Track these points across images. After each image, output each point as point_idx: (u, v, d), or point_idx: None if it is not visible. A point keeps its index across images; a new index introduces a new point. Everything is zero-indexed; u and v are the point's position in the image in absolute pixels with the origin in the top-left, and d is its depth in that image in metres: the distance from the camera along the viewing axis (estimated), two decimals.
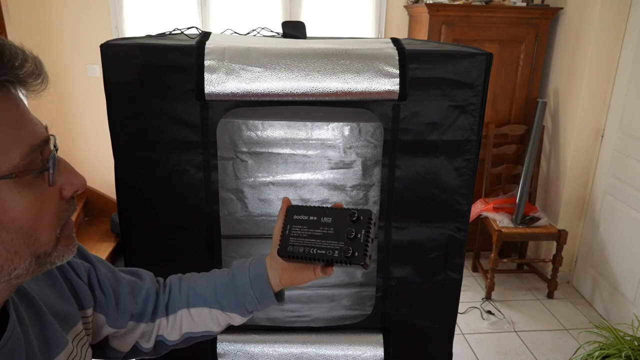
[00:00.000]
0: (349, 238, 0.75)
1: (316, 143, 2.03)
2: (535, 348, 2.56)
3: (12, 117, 0.51)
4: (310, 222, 0.78)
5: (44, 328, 0.65)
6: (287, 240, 0.78)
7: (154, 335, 0.85)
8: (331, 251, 0.75)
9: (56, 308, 0.68)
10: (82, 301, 0.74)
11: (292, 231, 0.79)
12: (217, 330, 0.88)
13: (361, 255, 0.74)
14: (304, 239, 0.78)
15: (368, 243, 0.75)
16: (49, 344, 0.64)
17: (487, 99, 1.19)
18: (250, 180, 2.05)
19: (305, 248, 0.77)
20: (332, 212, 0.78)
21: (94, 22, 3.11)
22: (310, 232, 0.78)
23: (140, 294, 0.83)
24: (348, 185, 2.08)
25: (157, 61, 1.10)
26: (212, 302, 0.84)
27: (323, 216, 0.78)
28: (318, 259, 0.76)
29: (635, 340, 1.93)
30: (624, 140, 2.68)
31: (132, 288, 0.82)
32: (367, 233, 0.75)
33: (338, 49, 1.16)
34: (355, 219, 0.76)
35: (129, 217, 1.22)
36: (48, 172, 0.54)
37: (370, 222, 0.75)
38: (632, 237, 2.61)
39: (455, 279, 1.32)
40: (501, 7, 2.97)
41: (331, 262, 0.76)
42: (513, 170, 3.18)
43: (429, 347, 1.39)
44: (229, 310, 0.84)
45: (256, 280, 0.83)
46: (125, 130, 1.13)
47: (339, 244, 0.75)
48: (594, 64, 2.78)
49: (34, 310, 0.64)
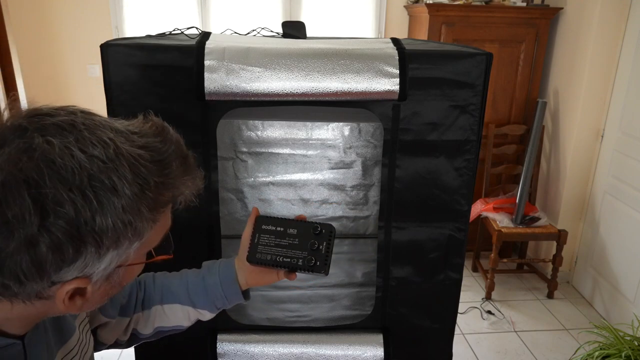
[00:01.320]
0: (312, 249, 0.85)
1: (316, 143, 2.03)
2: (535, 348, 2.56)
3: (169, 215, 0.63)
4: (278, 233, 0.88)
5: (58, 318, 0.71)
6: (256, 248, 0.87)
7: (130, 328, 0.91)
8: (296, 260, 0.85)
9: None
10: None
11: (260, 240, 0.87)
12: (187, 324, 0.94)
13: (322, 264, 0.84)
14: (271, 248, 0.87)
15: (329, 254, 0.85)
16: (62, 330, 0.71)
17: (487, 99, 1.19)
18: (250, 180, 2.05)
19: (272, 256, 0.86)
20: (297, 224, 0.88)
21: (94, 22, 3.11)
22: (277, 241, 0.87)
23: (125, 289, 0.89)
24: (348, 185, 2.08)
25: (157, 61, 1.10)
26: (184, 299, 0.91)
27: (289, 227, 0.88)
28: (284, 266, 0.85)
29: (635, 340, 1.93)
30: (624, 140, 2.68)
31: None
32: (328, 245, 0.85)
33: (338, 49, 1.16)
34: (318, 232, 0.86)
35: None
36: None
37: (331, 235, 0.86)
38: (632, 237, 2.61)
39: (455, 279, 1.32)
40: (501, 7, 2.97)
41: (295, 270, 0.86)
42: (513, 170, 3.18)
43: (429, 347, 1.39)
44: (200, 307, 0.91)
45: (226, 281, 0.90)
46: None
47: (302, 254, 0.85)
48: (594, 64, 2.78)
49: None
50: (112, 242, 0.52)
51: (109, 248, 0.52)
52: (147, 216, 0.54)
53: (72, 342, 0.73)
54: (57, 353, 0.70)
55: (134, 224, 0.53)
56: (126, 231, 0.52)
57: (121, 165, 0.51)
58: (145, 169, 0.53)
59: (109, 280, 0.57)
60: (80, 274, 0.53)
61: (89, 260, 0.52)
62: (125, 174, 0.51)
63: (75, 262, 0.51)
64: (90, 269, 0.53)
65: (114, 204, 0.50)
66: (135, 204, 0.52)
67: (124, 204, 0.51)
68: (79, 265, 0.52)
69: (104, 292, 0.59)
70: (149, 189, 0.53)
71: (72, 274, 0.53)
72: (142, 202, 0.53)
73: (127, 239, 0.53)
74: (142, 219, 0.53)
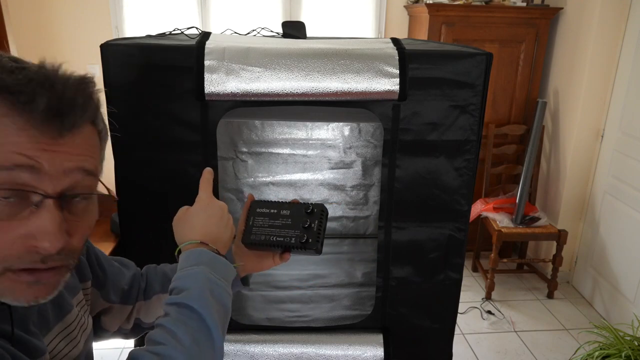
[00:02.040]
0: (304, 227, 0.86)
1: (316, 143, 2.03)
2: (535, 348, 2.56)
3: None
4: (271, 215, 0.89)
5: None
6: (251, 230, 0.88)
7: (133, 317, 0.92)
8: (289, 238, 0.86)
9: None
10: (82, 274, 0.81)
11: (255, 222, 0.89)
12: None
13: (314, 242, 0.85)
14: (265, 229, 0.88)
15: (321, 231, 0.86)
16: (59, 306, 0.72)
17: (487, 99, 1.19)
18: (250, 180, 2.05)
19: (266, 236, 0.87)
20: (290, 206, 0.90)
21: (94, 22, 3.11)
22: (270, 222, 0.88)
23: (127, 277, 0.91)
24: (348, 185, 2.08)
25: (157, 61, 1.10)
26: None
27: (282, 209, 0.89)
28: (277, 245, 0.86)
29: (635, 340, 1.93)
30: (624, 140, 2.68)
31: (120, 270, 0.91)
32: (320, 223, 0.86)
33: (338, 49, 1.16)
34: (310, 211, 0.87)
35: (129, 217, 1.22)
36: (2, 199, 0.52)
37: (322, 214, 0.87)
38: (632, 237, 2.61)
39: (455, 279, 1.32)
40: (501, 7, 2.97)
41: (288, 248, 0.87)
42: (513, 170, 3.18)
43: (429, 347, 1.39)
44: None
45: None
46: (125, 130, 1.13)
47: (295, 232, 0.86)
48: (594, 64, 2.78)
49: None
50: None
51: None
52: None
53: (70, 318, 0.74)
54: (55, 327, 0.71)
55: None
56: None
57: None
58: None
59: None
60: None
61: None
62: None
63: None
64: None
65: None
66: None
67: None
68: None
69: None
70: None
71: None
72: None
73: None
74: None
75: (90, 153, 0.59)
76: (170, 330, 0.64)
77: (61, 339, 0.72)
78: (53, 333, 0.70)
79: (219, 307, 0.70)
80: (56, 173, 0.54)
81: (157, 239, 1.24)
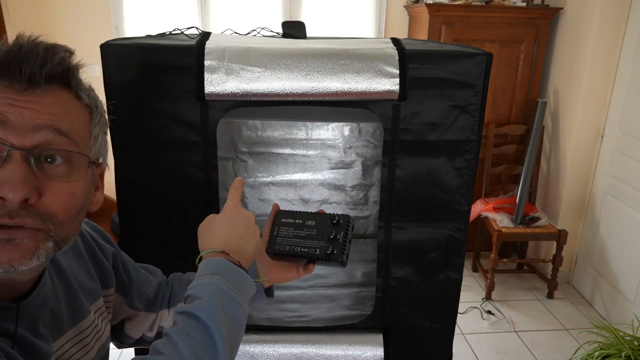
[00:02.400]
0: (330, 238, 0.85)
1: (316, 143, 2.03)
2: (535, 348, 2.56)
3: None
4: (296, 225, 0.88)
5: (72, 296, 0.73)
6: (275, 240, 0.87)
7: (156, 325, 0.92)
8: (313, 249, 0.85)
9: (81, 282, 0.76)
10: (105, 280, 0.82)
11: (279, 232, 0.88)
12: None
13: (339, 253, 0.83)
14: (289, 239, 0.87)
15: (346, 243, 0.85)
16: (75, 310, 0.72)
17: (487, 99, 1.19)
18: (250, 180, 2.05)
19: (290, 247, 0.86)
20: (315, 216, 0.88)
21: (94, 22, 3.11)
22: (295, 232, 0.87)
23: (152, 284, 0.92)
24: (348, 185, 2.07)
25: (157, 61, 1.10)
26: None
27: (307, 219, 0.88)
28: (301, 256, 0.85)
29: (635, 340, 1.93)
30: (624, 140, 2.68)
31: (147, 277, 0.92)
32: (346, 234, 0.85)
33: (338, 49, 1.16)
34: (335, 222, 0.86)
35: (129, 217, 1.22)
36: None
37: (348, 225, 0.86)
38: (632, 237, 2.61)
39: (455, 279, 1.32)
40: (501, 7, 2.97)
41: (313, 260, 0.86)
42: (513, 170, 3.18)
43: (429, 347, 1.39)
44: None
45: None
46: (125, 130, 1.13)
47: (320, 243, 0.85)
48: (594, 64, 2.78)
49: (64, 280, 0.72)
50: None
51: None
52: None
53: (85, 323, 0.74)
54: (68, 331, 0.70)
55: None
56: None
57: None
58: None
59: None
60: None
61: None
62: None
63: None
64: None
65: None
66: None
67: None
68: None
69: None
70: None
71: None
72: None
73: None
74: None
75: (62, 114, 0.59)
76: (172, 340, 0.63)
77: (73, 344, 0.71)
78: (65, 337, 0.70)
79: (229, 320, 0.68)
80: (24, 127, 0.55)
81: (157, 239, 1.24)
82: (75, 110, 0.62)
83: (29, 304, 0.64)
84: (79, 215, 0.63)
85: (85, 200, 0.63)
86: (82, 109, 0.63)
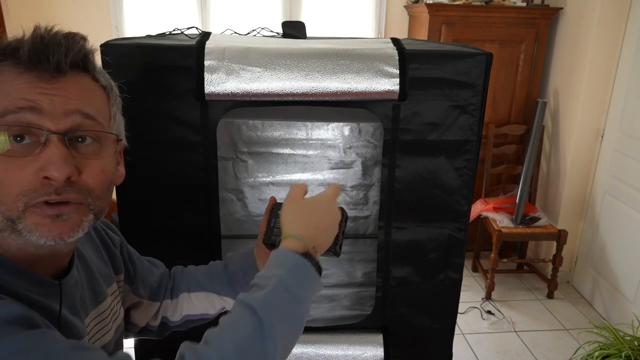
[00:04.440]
0: None
1: (316, 143, 2.03)
2: (535, 348, 2.56)
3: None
4: None
5: (92, 280, 0.78)
6: (272, 231, 0.91)
7: (160, 315, 0.97)
8: None
9: (99, 267, 0.82)
10: (116, 266, 0.87)
11: (276, 223, 0.91)
12: (213, 313, 1.00)
13: (333, 244, 0.85)
14: None
15: (340, 234, 0.87)
16: (95, 292, 0.78)
17: (487, 99, 1.19)
18: (250, 180, 2.05)
19: None
20: None
21: (94, 22, 3.11)
22: None
23: (156, 275, 0.97)
24: (348, 185, 2.07)
25: (157, 61, 1.10)
26: (209, 287, 0.97)
27: None
28: None
29: (635, 340, 1.93)
30: (624, 140, 2.68)
31: (150, 268, 0.97)
32: (340, 226, 0.87)
33: (338, 49, 1.16)
34: None
35: (129, 217, 1.22)
36: (15, 141, 0.59)
37: (342, 217, 0.88)
38: (632, 237, 2.61)
39: (455, 279, 1.32)
40: (501, 7, 2.97)
41: None
42: (513, 170, 3.18)
43: (429, 347, 1.39)
44: (224, 294, 0.97)
45: (245, 268, 0.96)
46: (124, 130, 1.13)
47: None
48: (594, 64, 2.78)
49: (86, 265, 0.78)
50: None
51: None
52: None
53: (104, 305, 0.79)
54: (91, 312, 0.76)
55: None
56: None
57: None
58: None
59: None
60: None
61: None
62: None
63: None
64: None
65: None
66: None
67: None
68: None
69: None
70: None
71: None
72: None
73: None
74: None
75: (87, 99, 0.64)
76: (221, 331, 0.64)
77: (95, 324, 0.77)
78: (90, 317, 0.75)
79: (286, 317, 0.67)
80: (57, 113, 0.60)
81: (157, 239, 1.24)
82: (96, 93, 0.67)
83: (68, 282, 0.69)
84: (110, 188, 0.69)
85: (113, 174, 0.69)
86: (100, 91, 0.68)
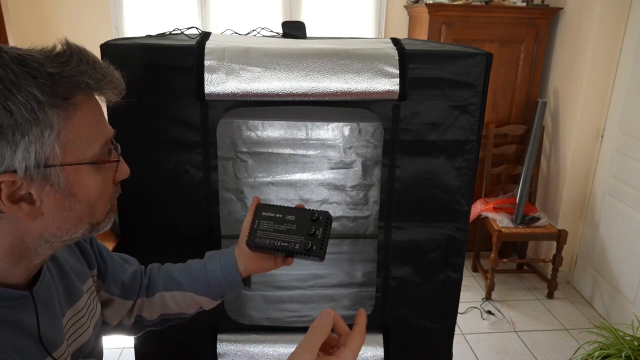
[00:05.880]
0: (309, 234, 0.87)
1: (316, 143, 2.03)
2: (535, 348, 2.56)
3: (97, 116, 0.64)
4: (276, 219, 0.90)
5: (66, 279, 0.77)
6: (255, 233, 0.89)
7: (134, 313, 0.95)
8: (293, 244, 0.87)
9: (72, 264, 0.80)
10: (89, 262, 0.86)
11: (260, 225, 0.90)
12: (190, 312, 0.98)
13: (318, 249, 0.86)
14: (269, 233, 0.89)
15: (325, 239, 0.87)
16: (70, 292, 0.77)
17: (487, 99, 1.19)
18: (250, 180, 2.05)
19: (270, 241, 0.88)
20: (296, 211, 0.90)
21: (94, 22, 3.11)
22: (275, 227, 0.89)
23: (128, 272, 0.94)
24: (348, 185, 2.08)
25: (157, 61, 1.10)
26: (187, 287, 0.95)
27: (287, 214, 0.90)
28: (281, 250, 0.87)
29: (635, 340, 1.93)
30: (624, 140, 2.68)
31: (122, 264, 0.94)
32: (325, 230, 0.87)
33: (338, 49, 1.16)
34: (315, 218, 0.88)
35: (129, 217, 1.22)
36: (118, 162, 0.68)
37: (327, 222, 0.88)
38: (632, 237, 2.61)
39: (455, 279, 1.32)
40: (501, 7, 2.97)
41: (292, 254, 0.88)
42: (513, 170, 3.18)
43: (429, 347, 1.39)
44: (202, 294, 0.95)
45: (226, 268, 0.93)
46: (125, 130, 1.13)
47: (299, 239, 0.87)
48: (594, 64, 2.78)
49: (58, 265, 0.77)
50: (14, 127, 0.54)
51: (14, 133, 0.54)
52: (45, 101, 0.56)
53: (80, 304, 0.78)
54: (67, 312, 0.75)
55: (28, 105, 0.55)
56: (22, 113, 0.54)
57: (3, 58, 0.56)
58: (34, 61, 0.57)
59: (51, 183, 0.59)
60: (1, 168, 0.55)
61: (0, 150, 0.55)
62: (8, 63, 0.55)
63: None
64: (8, 160, 0.55)
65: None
66: (25, 87, 0.55)
67: (9, 86, 0.54)
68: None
69: (58, 202, 0.61)
70: (40, 76, 0.56)
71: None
72: (34, 87, 0.55)
73: (30, 123, 0.55)
74: (41, 104, 0.55)
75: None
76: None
77: (72, 323, 0.76)
78: (66, 317, 0.74)
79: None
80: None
81: (157, 239, 1.24)
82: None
83: (39, 288, 0.68)
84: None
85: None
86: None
